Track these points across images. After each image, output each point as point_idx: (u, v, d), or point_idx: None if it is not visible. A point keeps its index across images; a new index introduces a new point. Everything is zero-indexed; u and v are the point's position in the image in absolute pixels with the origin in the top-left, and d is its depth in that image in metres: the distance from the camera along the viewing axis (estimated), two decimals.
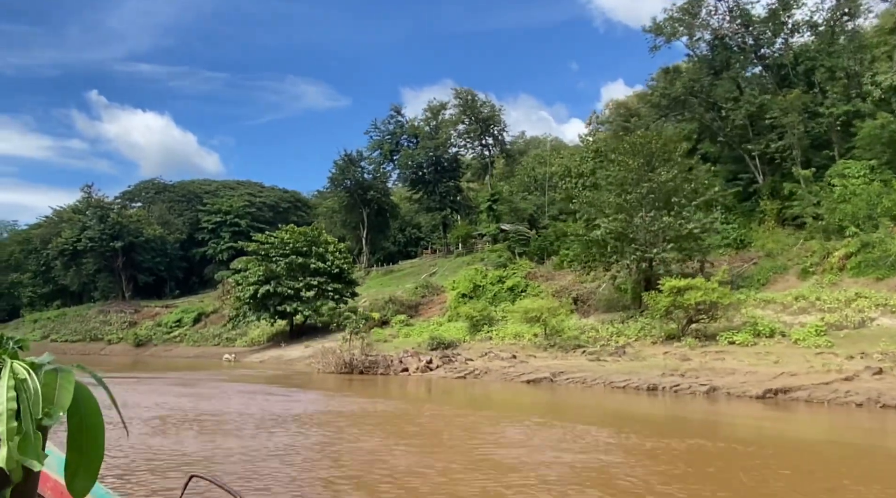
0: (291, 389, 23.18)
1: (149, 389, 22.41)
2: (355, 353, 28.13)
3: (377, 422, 15.05)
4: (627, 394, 19.20)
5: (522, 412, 16.38)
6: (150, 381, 27.65)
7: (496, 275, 44.32)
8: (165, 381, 27.70)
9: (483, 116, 59.66)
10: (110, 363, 56.42)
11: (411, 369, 26.66)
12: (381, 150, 69.02)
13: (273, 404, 17.96)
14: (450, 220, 68.19)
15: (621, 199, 32.84)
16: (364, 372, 27.55)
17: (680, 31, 48.01)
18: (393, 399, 20.33)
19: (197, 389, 23.39)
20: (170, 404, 17.84)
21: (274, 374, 32.12)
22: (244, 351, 55.57)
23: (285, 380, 28.01)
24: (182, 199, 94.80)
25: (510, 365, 25.51)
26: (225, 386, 23.97)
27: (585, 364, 24.03)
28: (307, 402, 18.96)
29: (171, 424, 14.12)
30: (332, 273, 53.93)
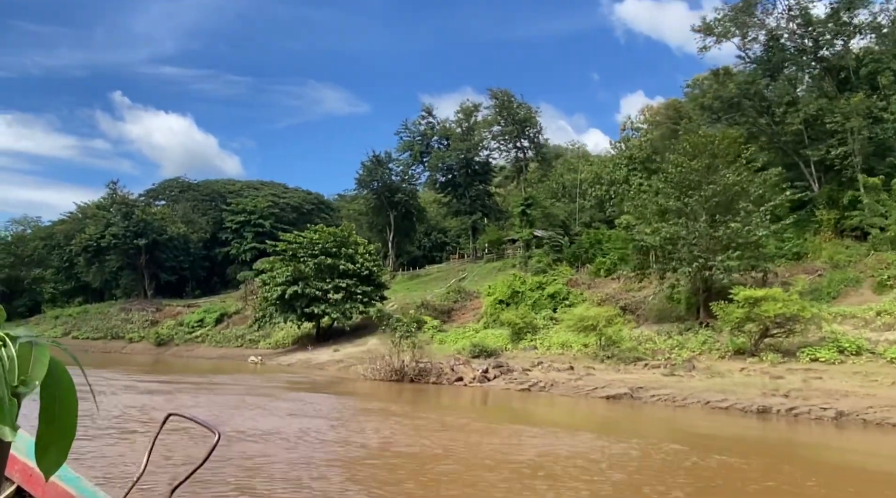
0: (344, 397, 20.98)
1: (202, 401, 20.33)
2: (405, 359, 26.01)
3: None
4: (732, 415, 16.85)
5: (654, 437, 13.88)
6: (191, 388, 25.56)
7: (536, 281, 42.12)
8: (203, 386, 25.66)
9: (519, 118, 57.61)
10: (133, 363, 54.83)
11: (466, 379, 24.54)
12: (412, 152, 67.14)
13: (351, 428, 15.45)
14: (479, 225, 66.06)
15: (680, 203, 30.55)
16: (415, 380, 25.45)
17: (731, 32, 45.79)
18: (474, 416, 17.57)
19: (246, 396, 21.45)
20: (232, 421, 15.73)
21: (318, 380, 29.92)
22: (269, 353, 53.73)
23: (333, 387, 25.86)
24: (206, 198, 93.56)
25: (575, 377, 23.34)
26: (274, 394, 21.89)
27: (661, 379, 21.82)
28: (394, 426, 15.91)
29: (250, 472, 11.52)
30: (362, 275, 52.01)
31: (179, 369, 42.06)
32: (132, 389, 23.78)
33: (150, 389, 22.87)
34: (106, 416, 15.40)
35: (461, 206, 66.53)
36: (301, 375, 32.63)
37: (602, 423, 16.21)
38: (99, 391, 23.55)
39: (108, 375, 33.70)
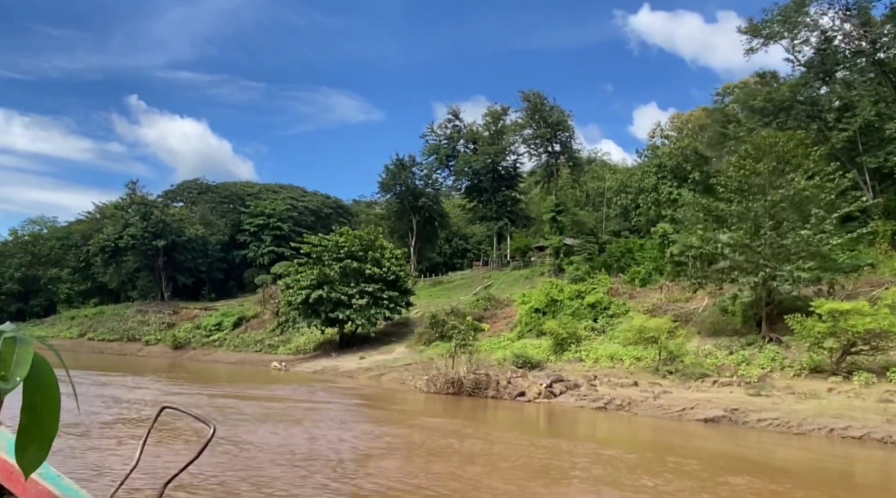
0: (433, 419, 18.60)
1: (285, 430, 17.59)
2: (461, 370, 23.87)
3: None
4: (870, 447, 14.41)
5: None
6: (244, 404, 23.04)
7: (574, 289, 39.97)
8: (247, 397, 23.44)
9: (551, 121, 55.62)
10: (154, 368, 52.98)
11: (529, 394, 22.39)
12: (437, 155, 65.22)
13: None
14: (505, 232, 63.98)
15: (742, 207, 28.35)
16: (472, 394, 23.28)
17: (779, 33, 43.66)
18: (596, 445, 14.95)
19: (288, 409, 19.35)
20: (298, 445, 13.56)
21: (369, 392, 27.48)
22: (291, 359, 51.75)
23: (392, 403, 23.55)
24: (224, 200, 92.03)
25: (650, 395, 21.17)
26: (347, 420, 19.56)
27: (751, 400, 19.63)
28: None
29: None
30: (388, 280, 50.04)
31: (208, 376, 40.07)
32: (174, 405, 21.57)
33: (196, 404, 20.45)
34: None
35: (487, 211, 64.50)
36: (345, 387, 29.91)
37: (764, 463, 13.14)
38: (126, 403, 21.58)
39: (130, 381, 31.73)
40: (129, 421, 16.60)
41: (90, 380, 30.78)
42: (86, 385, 26.04)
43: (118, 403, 20.79)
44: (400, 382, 32.04)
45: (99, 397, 21.49)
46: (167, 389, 27.96)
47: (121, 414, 17.86)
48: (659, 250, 51.76)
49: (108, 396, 22.33)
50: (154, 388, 27.83)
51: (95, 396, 21.76)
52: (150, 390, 25.97)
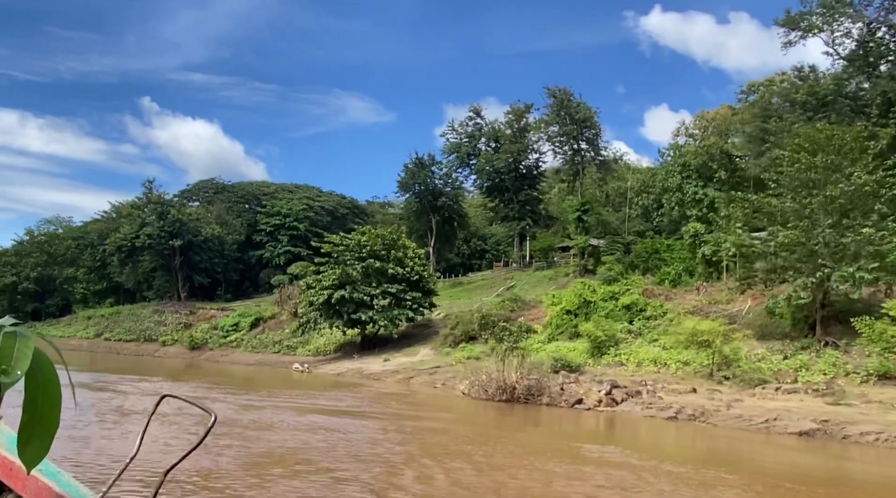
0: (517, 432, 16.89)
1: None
2: (513, 375, 22.32)
3: None
4: None
5: None
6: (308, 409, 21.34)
7: (608, 290, 38.40)
8: (271, 405, 21.91)
9: (578, 118, 54.06)
10: (169, 369, 51.87)
11: (588, 402, 20.85)
12: (458, 154, 63.76)
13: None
14: (528, 232, 62.43)
15: (797, 203, 26.71)
16: (525, 401, 21.75)
17: (818, 25, 41.98)
18: (726, 469, 12.65)
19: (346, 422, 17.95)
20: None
21: (409, 399, 25.67)
22: (311, 360, 50.44)
23: (444, 410, 21.96)
24: (241, 200, 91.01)
25: (720, 404, 19.61)
26: (388, 424, 17.81)
27: (829, 409, 18.07)
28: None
29: None
30: (411, 280, 48.65)
31: (231, 379, 38.78)
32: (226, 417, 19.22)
33: (232, 420, 18.32)
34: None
35: (509, 211, 62.98)
36: (383, 393, 28.06)
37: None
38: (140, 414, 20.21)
39: (149, 386, 30.39)
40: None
41: (106, 383, 29.58)
42: (96, 392, 24.19)
43: (127, 416, 19.04)
44: (432, 385, 30.63)
45: (115, 410, 19.74)
46: (192, 394, 26.66)
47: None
48: (689, 251, 50.18)
49: (120, 409, 20.22)
50: (177, 394, 26.55)
51: (112, 410, 19.74)
52: (174, 402, 24.64)
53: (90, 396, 22.35)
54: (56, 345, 1.36)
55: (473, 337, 42.80)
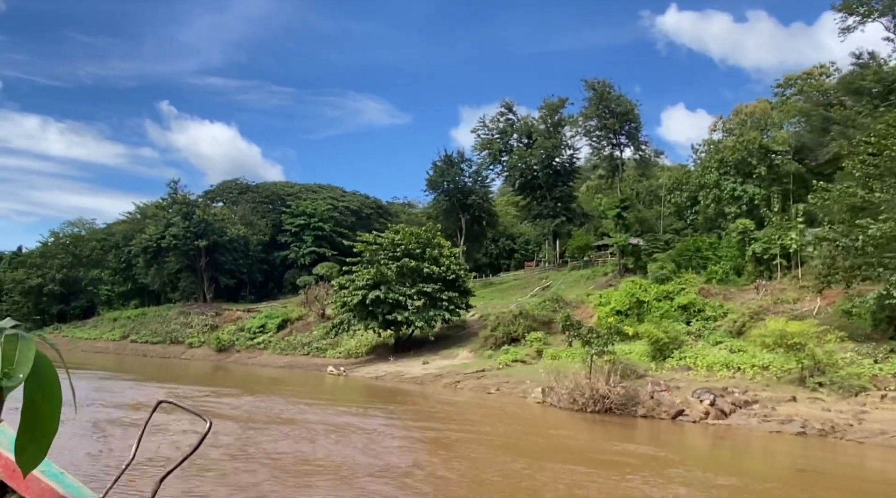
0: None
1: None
2: (602, 383, 20.12)
3: None
4: None
5: None
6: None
7: (661, 290, 36.20)
8: (322, 420, 19.49)
9: (619, 111, 51.79)
10: (197, 372, 50.32)
11: (693, 414, 18.69)
12: (490, 150, 61.67)
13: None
14: (562, 229, 60.19)
15: (891, 194, 24.33)
16: (617, 412, 19.57)
17: (878, 10, 39.48)
18: None
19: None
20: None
21: (481, 410, 23.14)
22: (344, 363, 48.61)
23: (526, 423, 19.61)
24: (265, 201, 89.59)
25: (847, 417, 17.35)
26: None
27: None
28: None
29: None
30: (447, 280, 46.67)
31: (265, 384, 37.04)
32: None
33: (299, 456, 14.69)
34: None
35: (542, 209, 60.76)
36: (443, 401, 25.03)
37: None
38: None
39: (181, 391, 28.62)
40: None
41: (132, 391, 27.84)
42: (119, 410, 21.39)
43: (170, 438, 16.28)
44: (484, 391, 28.61)
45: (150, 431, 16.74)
46: (230, 402, 24.79)
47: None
48: (737, 249, 47.77)
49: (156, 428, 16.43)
50: (217, 405, 24.41)
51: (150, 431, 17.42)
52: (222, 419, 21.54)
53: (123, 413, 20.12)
54: (58, 346, 1.31)
55: (516, 339, 40.76)
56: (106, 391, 25.81)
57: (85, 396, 22.38)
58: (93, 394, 23.70)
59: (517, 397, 25.74)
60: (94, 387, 26.76)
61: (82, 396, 24.18)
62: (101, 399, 22.53)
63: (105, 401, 22.31)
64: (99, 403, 21.31)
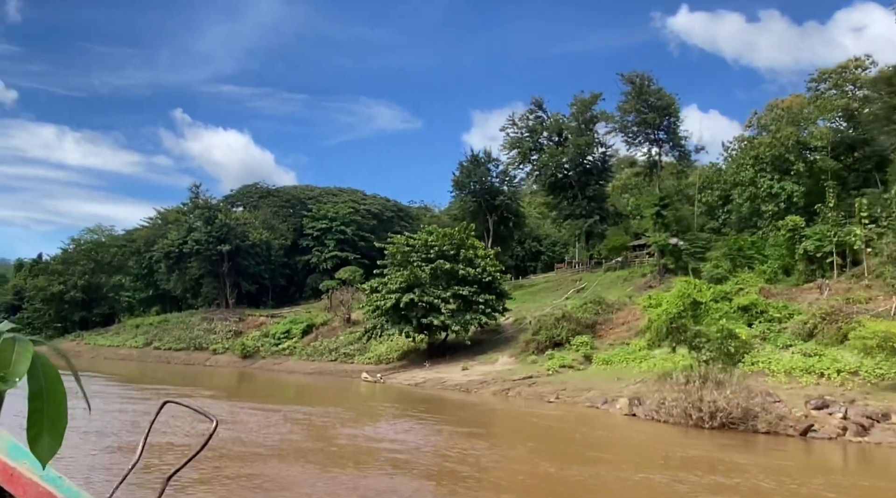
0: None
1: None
2: (710, 393, 17.88)
3: None
4: None
5: None
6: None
7: (719, 290, 33.93)
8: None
9: (659, 105, 49.60)
10: (223, 380, 48.57)
11: (824, 428, 16.49)
12: (520, 149, 59.62)
13: None
14: (596, 230, 57.98)
15: None
16: (731, 427, 17.33)
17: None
18: None
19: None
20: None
21: (560, 424, 20.64)
22: (377, 369, 46.67)
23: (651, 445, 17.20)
24: (286, 204, 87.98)
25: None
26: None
27: None
28: None
29: None
30: (483, 282, 44.64)
31: (304, 395, 35.17)
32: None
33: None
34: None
35: (574, 209, 58.58)
36: (530, 413, 22.75)
37: None
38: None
39: (215, 406, 26.68)
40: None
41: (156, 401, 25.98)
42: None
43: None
44: (541, 399, 26.52)
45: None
46: (269, 411, 22.87)
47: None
48: (785, 247, 45.40)
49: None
50: (257, 423, 22.16)
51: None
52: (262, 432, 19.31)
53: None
54: (64, 351, 1.31)
55: (559, 343, 38.60)
56: (136, 401, 24.03)
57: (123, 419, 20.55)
58: (131, 410, 21.84)
59: (585, 408, 23.63)
60: (123, 397, 24.99)
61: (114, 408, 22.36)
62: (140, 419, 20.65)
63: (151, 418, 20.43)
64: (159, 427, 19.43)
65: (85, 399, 1.29)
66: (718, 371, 19.54)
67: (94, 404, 2.28)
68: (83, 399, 1.29)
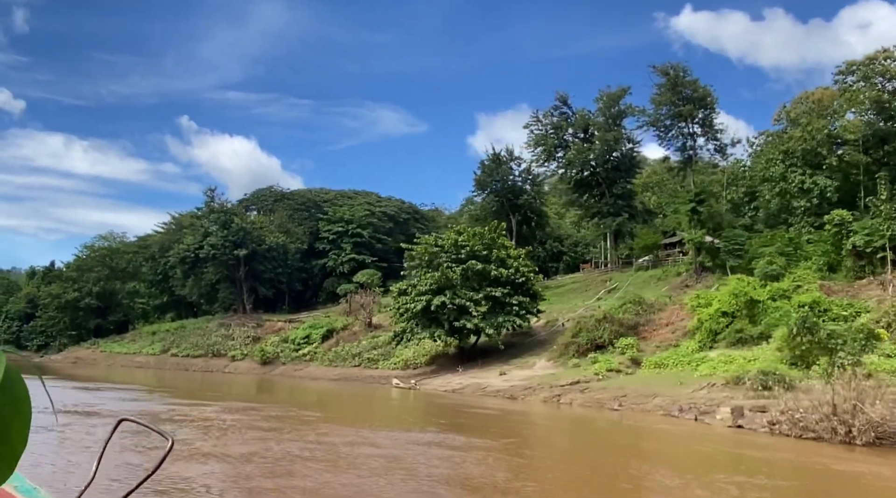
0: None
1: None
2: (844, 401, 15.79)
3: None
4: None
5: None
6: None
7: (775, 288, 31.88)
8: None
9: (695, 96, 47.58)
10: (244, 388, 46.68)
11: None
12: (545, 146, 57.66)
13: None
14: (625, 228, 55.94)
15: None
16: (876, 442, 15.21)
17: None
18: None
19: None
20: None
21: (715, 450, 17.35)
22: (404, 374, 44.71)
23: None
24: (301, 208, 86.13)
25: None
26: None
27: None
28: None
29: None
30: (516, 283, 42.67)
31: (345, 408, 33.16)
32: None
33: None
34: None
35: (602, 207, 56.55)
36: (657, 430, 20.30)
37: None
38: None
39: (258, 418, 24.61)
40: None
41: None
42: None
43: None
44: (601, 407, 24.49)
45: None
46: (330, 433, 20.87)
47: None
48: (831, 243, 43.27)
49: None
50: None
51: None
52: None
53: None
54: (39, 364, 1.33)
55: (601, 346, 36.55)
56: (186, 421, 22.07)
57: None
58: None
59: (659, 416, 21.59)
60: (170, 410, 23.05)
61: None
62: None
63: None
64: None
65: (52, 409, 1.23)
66: (861, 377, 17.33)
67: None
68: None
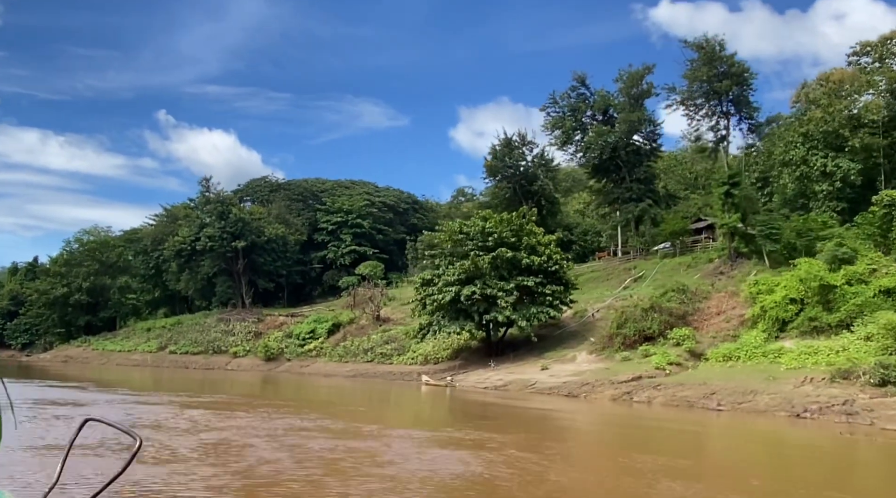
0: None
1: None
2: None
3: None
4: None
5: None
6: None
7: (850, 272, 28.93)
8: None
9: (733, 72, 44.48)
10: (250, 386, 42.82)
11: None
12: (563, 129, 54.29)
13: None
14: (647, 214, 52.84)
15: None
16: None
17: None
18: None
19: None
20: None
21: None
22: (424, 370, 41.25)
23: None
24: (298, 198, 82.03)
25: None
26: None
27: None
28: None
29: None
30: (548, 271, 39.37)
31: (385, 413, 29.42)
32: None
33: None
34: None
35: (623, 192, 53.41)
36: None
37: None
38: None
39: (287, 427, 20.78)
40: None
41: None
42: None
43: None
44: (689, 407, 21.24)
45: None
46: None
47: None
48: (878, 226, 40.53)
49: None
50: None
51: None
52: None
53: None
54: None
55: (650, 337, 33.40)
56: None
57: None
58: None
59: (786, 418, 18.33)
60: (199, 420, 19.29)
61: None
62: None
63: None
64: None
65: (12, 415, 1.22)
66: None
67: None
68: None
